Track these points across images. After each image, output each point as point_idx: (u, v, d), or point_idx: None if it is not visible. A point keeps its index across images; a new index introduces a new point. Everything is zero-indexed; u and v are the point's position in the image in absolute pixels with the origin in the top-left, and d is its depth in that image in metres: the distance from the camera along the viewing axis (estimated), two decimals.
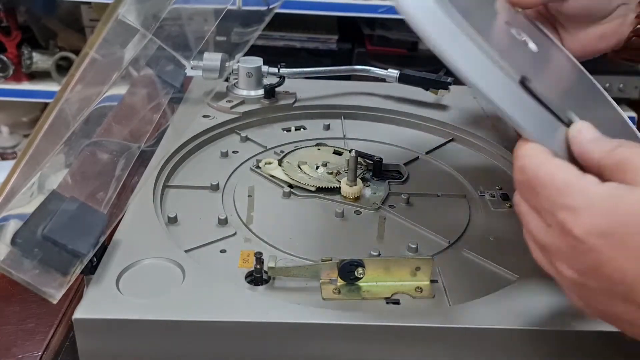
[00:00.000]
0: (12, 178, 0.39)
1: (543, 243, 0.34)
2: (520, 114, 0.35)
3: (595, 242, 0.30)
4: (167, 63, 0.68)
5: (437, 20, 0.37)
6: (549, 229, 0.33)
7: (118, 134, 0.56)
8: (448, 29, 0.37)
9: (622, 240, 0.30)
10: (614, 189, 0.31)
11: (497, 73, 0.36)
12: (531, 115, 0.35)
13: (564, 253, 0.32)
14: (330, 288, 0.44)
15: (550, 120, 0.36)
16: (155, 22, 0.56)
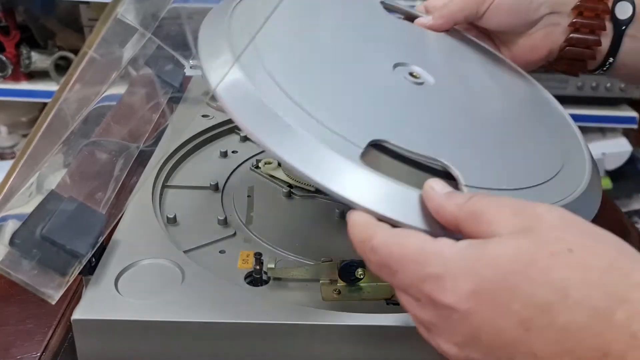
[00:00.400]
0: (10, 178, 0.39)
1: (420, 320, 0.32)
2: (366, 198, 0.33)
3: (466, 306, 0.29)
4: (166, 62, 0.68)
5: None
6: (420, 303, 0.31)
7: (117, 134, 0.56)
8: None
9: (491, 299, 0.28)
10: (468, 247, 0.30)
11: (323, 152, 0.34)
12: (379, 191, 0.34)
13: (441, 327, 0.30)
14: (331, 289, 0.44)
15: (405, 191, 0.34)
16: (154, 22, 0.56)
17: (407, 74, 0.45)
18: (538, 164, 0.44)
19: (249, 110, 0.36)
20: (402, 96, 0.44)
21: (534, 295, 0.27)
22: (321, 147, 0.34)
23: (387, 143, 0.37)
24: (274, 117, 0.35)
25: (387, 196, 0.34)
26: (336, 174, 0.34)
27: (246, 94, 0.36)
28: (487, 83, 0.53)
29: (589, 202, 0.42)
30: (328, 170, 0.34)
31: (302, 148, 0.34)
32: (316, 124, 0.36)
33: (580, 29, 0.54)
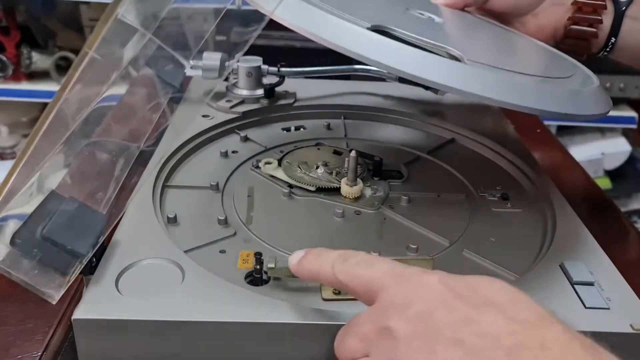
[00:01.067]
0: (11, 178, 0.39)
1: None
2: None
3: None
4: (166, 63, 0.68)
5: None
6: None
7: (117, 134, 0.56)
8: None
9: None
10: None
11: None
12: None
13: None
14: (330, 288, 0.44)
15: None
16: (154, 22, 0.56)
17: (418, 13, 0.53)
18: (548, 65, 0.52)
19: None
20: (411, 18, 0.52)
21: None
22: (338, 21, 0.41)
23: (393, 30, 0.43)
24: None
25: (393, 53, 0.39)
26: (348, 38, 0.40)
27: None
28: (497, 30, 0.59)
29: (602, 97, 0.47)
30: (341, 36, 0.40)
31: (321, 21, 0.41)
32: (333, 10, 0.43)
33: (582, 8, 0.58)
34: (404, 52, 0.40)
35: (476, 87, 0.39)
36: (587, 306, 0.42)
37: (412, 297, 0.32)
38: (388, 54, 0.39)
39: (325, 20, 0.41)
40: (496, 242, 0.52)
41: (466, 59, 0.43)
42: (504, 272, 0.47)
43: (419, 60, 0.39)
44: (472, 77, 0.40)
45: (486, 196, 0.59)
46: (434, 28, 0.52)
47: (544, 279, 0.44)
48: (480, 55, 0.46)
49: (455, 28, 0.56)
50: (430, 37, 0.45)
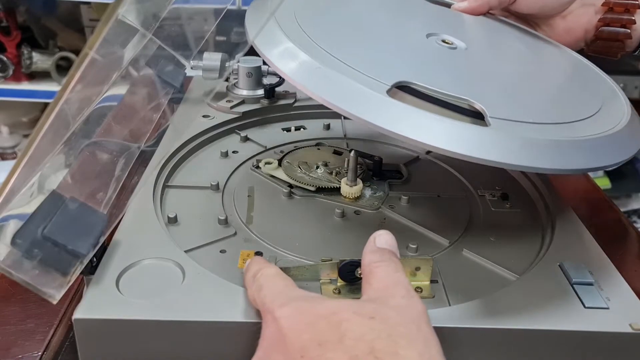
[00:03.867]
0: (12, 178, 0.39)
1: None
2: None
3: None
4: (167, 63, 0.68)
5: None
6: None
7: (118, 134, 0.56)
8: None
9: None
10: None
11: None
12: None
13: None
14: (330, 288, 0.44)
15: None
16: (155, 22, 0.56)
17: (440, 41, 0.50)
18: (573, 103, 0.47)
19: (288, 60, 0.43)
20: (432, 53, 0.49)
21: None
22: (352, 84, 0.40)
23: (414, 84, 0.41)
24: (309, 62, 0.41)
25: (410, 121, 0.38)
26: (364, 105, 0.39)
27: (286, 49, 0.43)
28: (521, 49, 0.56)
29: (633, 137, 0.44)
30: (357, 103, 0.39)
31: (337, 86, 0.40)
32: (348, 68, 0.42)
33: (614, 8, 0.55)
34: (424, 123, 0.38)
35: (499, 155, 0.38)
36: (587, 306, 0.42)
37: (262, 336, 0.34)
38: (408, 126, 0.38)
39: (341, 86, 0.40)
40: (496, 242, 0.52)
41: (489, 116, 0.40)
42: (503, 272, 0.47)
43: (440, 132, 0.38)
44: (495, 144, 0.39)
45: (486, 196, 0.59)
46: (456, 65, 0.49)
47: (543, 279, 0.44)
48: (504, 104, 0.43)
49: (478, 58, 0.52)
50: (453, 85, 0.43)
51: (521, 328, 0.40)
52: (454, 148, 0.38)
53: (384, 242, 0.39)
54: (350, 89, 0.40)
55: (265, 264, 0.40)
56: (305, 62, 0.42)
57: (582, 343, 0.41)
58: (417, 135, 0.38)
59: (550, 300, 0.42)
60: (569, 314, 0.41)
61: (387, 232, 0.40)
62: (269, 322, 0.34)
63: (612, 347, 0.41)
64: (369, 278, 0.36)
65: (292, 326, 0.32)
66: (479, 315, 0.41)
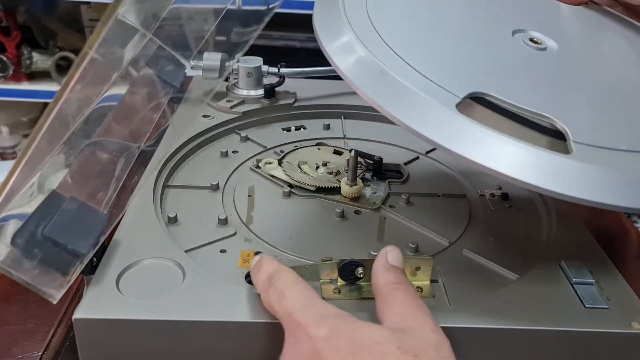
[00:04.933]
0: (12, 178, 0.39)
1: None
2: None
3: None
4: (166, 63, 0.68)
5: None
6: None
7: (118, 134, 0.56)
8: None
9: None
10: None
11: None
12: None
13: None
14: (331, 288, 0.44)
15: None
16: (155, 22, 0.56)
17: (527, 39, 0.44)
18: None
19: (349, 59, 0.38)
20: (515, 56, 0.43)
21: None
22: (416, 94, 0.35)
23: (489, 96, 0.36)
24: (374, 66, 0.36)
25: (479, 143, 0.34)
26: (428, 120, 0.35)
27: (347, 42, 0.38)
28: (626, 51, 0.49)
29: None
30: (421, 117, 0.35)
31: (398, 94, 0.35)
32: (417, 75, 0.36)
33: None
34: (495, 146, 0.34)
35: (582, 191, 0.33)
36: (587, 306, 0.42)
37: (291, 351, 0.34)
38: (476, 149, 0.34)
39: (405, 95, 0.35)
40: (496, 241, 0.52)
41: (572, 139, 0.35)
42: (503, 271, 0.47)
43: (513, 159, 0.34)
44: (577, 177, 0.34)
45: (486, 196, 0.59)
46: (542, 71, 0.42)
47: (543, 279, 0.44)
48: (593, 124, 0.38)
49: (570, 61, 0.44)
50: (535, 97, 0.37)
51: (521, 328, 0.40)
52: (528, 179, 0.34)
53: (396, 259, 0.39)
54: (415, 101, 0.35)
55: (280, 266, 0.39)
56: (368, 64, 0.37)
57: (582, 343, 0.41)
58: (486, 161, 0.34)
59: (550, 300, 0.42)
60: (569, 314, 0.41)
61: (396, 248, 0.39)
62: (301, 338, 0.33)
63: (612, 347, 0.41)
64: (388, 300, 0.36)
65: (332, 350, 0.32)
66: (479, 315, 0.41)
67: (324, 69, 0.78)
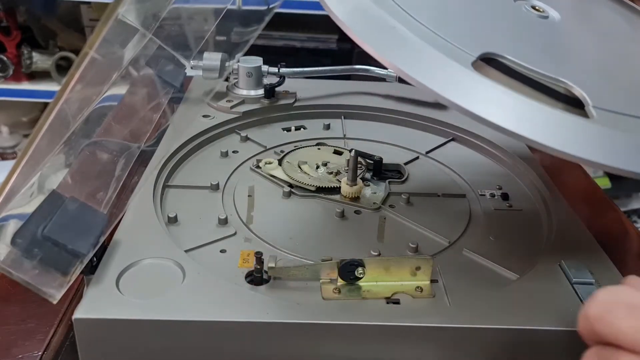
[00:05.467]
0: (12, 178, 0.39)
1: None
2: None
3: None
4: (167, 63, 0.68)
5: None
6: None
7: (118, 134, 0.56)
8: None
9: None
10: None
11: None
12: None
13: None
14: (331, 288, 0.44)
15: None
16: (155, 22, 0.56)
17: (529, 7, 0.43)
18: None
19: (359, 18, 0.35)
20: (521, 21, 0.41)
21: None
22: (431, 52, 0.33)
23: (502, 58, 0.34)
24: (382, 20, 0.34)
25: (499, 104, 0.32)
26: (445, 79, 0.32)
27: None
28: (622, 25, 0.48)
29: None
30: (436, 75, 0.32)
31: (413, 53, 0.33)
32: (428, 32, 0.34)
33: None
34: (517, 108, 0.32)
35: (606, 156, 0.32)
36: None
37: None
38: (496, 110, 0.32)
39: (418, 52, 0.33)
40: (496, 242, 0.52)
41: (591, 105, 0.34)
42: (504, 271, 0.47)
43: (535, 120, 0.32)
44: (601, 142, 0.32)
45: (486, 196, 0.59)
46: (550, 39, 0.41)
47: (543, 279, 0.44)
48: (608, 92, 0.37)
49: (575, 32, 0.44)
50: (547, 62, 0.36)
51: (521, 328, 0.40)
52: (552, 143, 0.32)
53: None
54: (429, 57, 0.33)
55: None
56: (375, 16, 0.34)
57: (582, 343, 0.41)
58: (508, 123, 0.32)
59: (550, 300, 0.42)
60: (569, 313, 0.41)
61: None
62: None
63: None
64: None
65: None
66: (479, 315, 0.41)
67: (324, 69, 0.78)
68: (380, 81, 0.78)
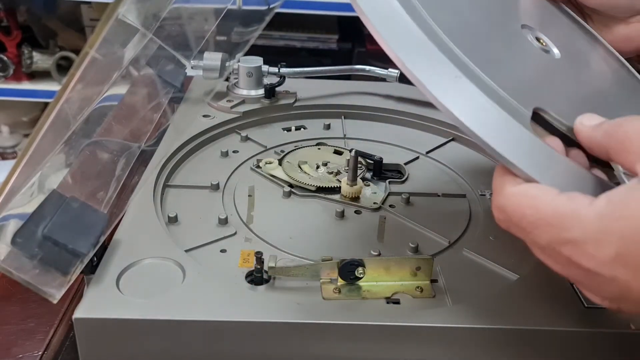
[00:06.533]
0: (12, 178, 0.39)
1: (563, 274, 0.31)
2: (520, 157, 0.31)
3: (610, 272, 0.28)
4: (167, 63, 0.68)
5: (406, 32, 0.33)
6: (559, 264, 0.30)
7: (118, 134, 0.56)
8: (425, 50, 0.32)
9: (636, 262, 0.27)
10: (606, 206, 0.28)
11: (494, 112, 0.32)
12: (533, 154, 0.31)
13: (587, 285, 0.30)
14: (331, 288, 0.44)
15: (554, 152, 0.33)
16: (155, 22, 0.56)
17: (534, 38, 0.43)
18: None
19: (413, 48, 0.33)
20: (538, 63, 0.42)
21: None
22: (495, 109, 0.32)
23: (546, 113, 0.35)
24: (447, 67, 0.32)
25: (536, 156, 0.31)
26: (504, 136, 0.31)
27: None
28: (599, 66, 0.50)
29: None
30: (496, 131, 0.31)
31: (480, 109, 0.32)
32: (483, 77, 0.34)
33: None
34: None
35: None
36: (587, 305, 0.42)
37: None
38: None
39: (484, 110, 0.31)
40: (496, 241, 0.52)
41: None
42: (504, 271, 0.47)
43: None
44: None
45: (486, 196, 0.59)
46: (565, 85, 0.42)
47: (543, 279, 0.44)
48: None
49: (573, 75, 0.45)
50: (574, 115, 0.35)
51: (521, 328, 0.40)
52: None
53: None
54: (492, 116, 0.32)
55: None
56: (442, 65, 0.32)
57: (582, 343, 0.41)
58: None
59: (550, 300, 0.42)
60: (569, 313, 0.41)
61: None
62: (633, 203, 0.28)
63: (612, 347, 0.41)
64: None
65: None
66: (479, 315, 0.41)
67: (325, 69, 0.78)
68: (381, 81, 0.78)
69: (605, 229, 0.27)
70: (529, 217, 0.30)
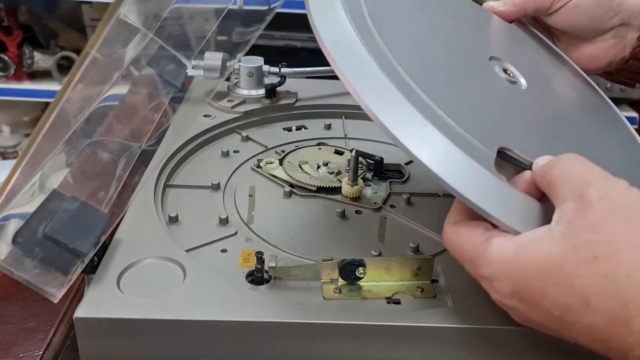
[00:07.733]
0: (13, 177, 0.39)
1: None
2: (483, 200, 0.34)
3: (510, 304, 0.34)
4: (168, 62, 0.68)
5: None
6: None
7: (119, 134, 0.56)
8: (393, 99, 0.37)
9: (528, 298, 0.33)
10: (512, 253, 0.33)
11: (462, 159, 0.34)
12: (490, 193, 0.34)
13: (502, 307, 0.36)
14: (331, 288, 0.44)
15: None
16: (156, 22, 0.56)
17: (502, 70, 0.46)
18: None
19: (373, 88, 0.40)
20: (505, 97, 0.44)
21: (558, 299, 0.31)
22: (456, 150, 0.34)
23: (512, 152, 0.37)
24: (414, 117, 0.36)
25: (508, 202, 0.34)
26: (465, 177, 0.34)
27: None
28: (564, 90, 0.52)
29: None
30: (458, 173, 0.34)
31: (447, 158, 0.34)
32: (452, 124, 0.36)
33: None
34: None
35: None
36: None
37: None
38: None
39: (449, 157, 0.34)
40: None
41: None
42: None
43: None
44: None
45: None
46: (531, 117, 0.44)
47: None
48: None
49: (539, 105, 0.47)
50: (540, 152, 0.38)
51: (521, 328, 0.40)
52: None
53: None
54: (457, 161, 0.34)
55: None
56: (409, 114, 0.37)
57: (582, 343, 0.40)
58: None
59: None
60: None
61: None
62: (529, 254, 0.33)
63: None
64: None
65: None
66: (480, 315, 0.41)
67: (325, 69, 0.78)
68: None
69: (506, 271, 0.33)
70: (457, 253, 0.36)
